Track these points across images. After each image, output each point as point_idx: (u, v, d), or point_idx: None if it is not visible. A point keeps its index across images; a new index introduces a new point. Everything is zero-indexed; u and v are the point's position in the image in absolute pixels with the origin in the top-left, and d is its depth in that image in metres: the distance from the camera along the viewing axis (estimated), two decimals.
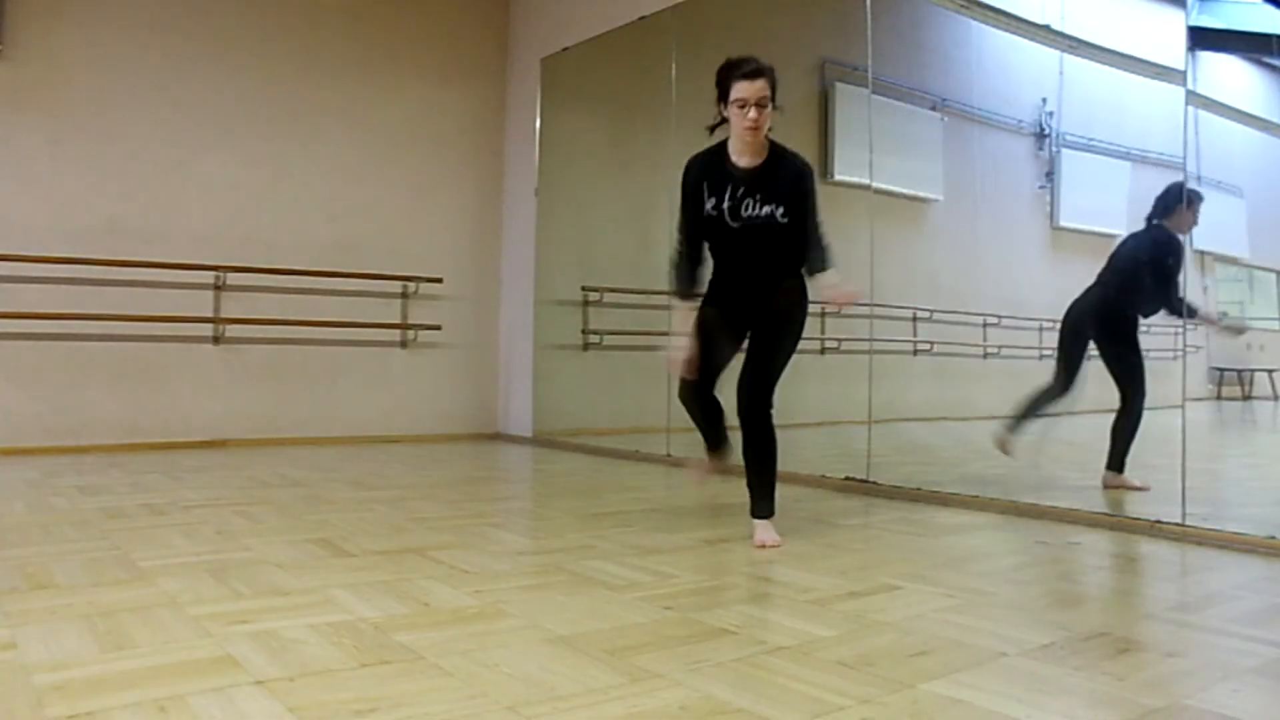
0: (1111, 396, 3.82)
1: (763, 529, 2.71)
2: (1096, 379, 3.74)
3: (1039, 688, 1.50)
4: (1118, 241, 3.74)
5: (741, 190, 2.66)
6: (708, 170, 2.71)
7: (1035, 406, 3.67)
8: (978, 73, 4.71)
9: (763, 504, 2.74)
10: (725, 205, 2.67)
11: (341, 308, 5.48)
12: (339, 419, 5.51)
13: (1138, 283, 3.56)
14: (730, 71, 2.60)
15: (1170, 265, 3.44)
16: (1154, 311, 3.54)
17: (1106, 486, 3.53)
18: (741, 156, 2.67)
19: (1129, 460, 3.52)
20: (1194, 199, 3.45)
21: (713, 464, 3.06)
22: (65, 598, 1.93)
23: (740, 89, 2.57)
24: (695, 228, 2.74)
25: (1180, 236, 3.44)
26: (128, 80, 4.92)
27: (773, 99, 2.60)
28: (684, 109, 4.90)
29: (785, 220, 2.65)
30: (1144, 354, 3.56)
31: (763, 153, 2.67)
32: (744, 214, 2.66)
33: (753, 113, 2.56)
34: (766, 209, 2.65)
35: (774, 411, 2.72)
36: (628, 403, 5.33)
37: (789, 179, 2.66)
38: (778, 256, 2.71)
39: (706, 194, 2.69)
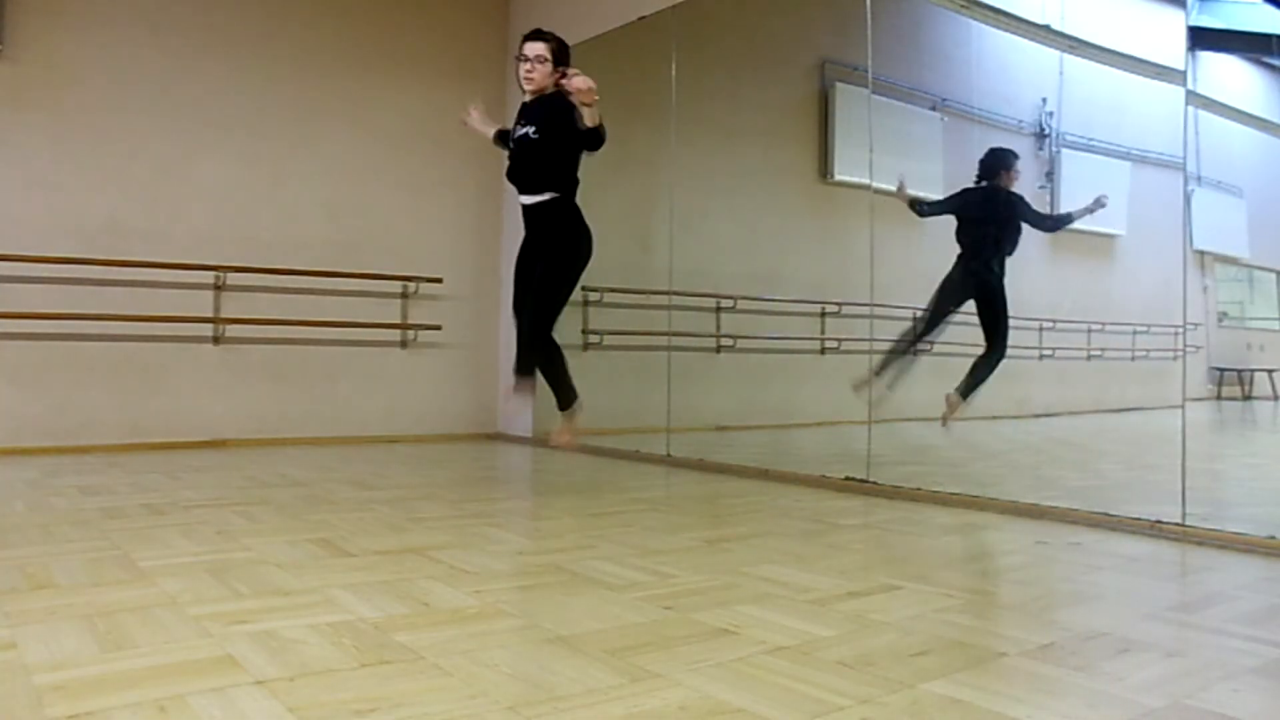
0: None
1: (563, 422, 3.46)
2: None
3: (1039, 688, 1.50)
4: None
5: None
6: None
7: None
8: (978, 73, 4.71)
9: (562, 398, 3.46)
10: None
11: (341, 308, 5.48)
12: (339, 419, 5.51)
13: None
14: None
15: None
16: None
17: (949, 405, 4.01)
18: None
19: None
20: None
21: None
22: (65, 598, 1.93)
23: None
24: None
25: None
26: (128, 80, 4.92)
27: (555, 62, 3.38)
28: (684, 109, 4.90)
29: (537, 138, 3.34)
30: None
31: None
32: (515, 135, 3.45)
33: (525, 66, 3.37)
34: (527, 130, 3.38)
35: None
36: (628, 403, 5.32)
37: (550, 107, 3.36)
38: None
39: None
